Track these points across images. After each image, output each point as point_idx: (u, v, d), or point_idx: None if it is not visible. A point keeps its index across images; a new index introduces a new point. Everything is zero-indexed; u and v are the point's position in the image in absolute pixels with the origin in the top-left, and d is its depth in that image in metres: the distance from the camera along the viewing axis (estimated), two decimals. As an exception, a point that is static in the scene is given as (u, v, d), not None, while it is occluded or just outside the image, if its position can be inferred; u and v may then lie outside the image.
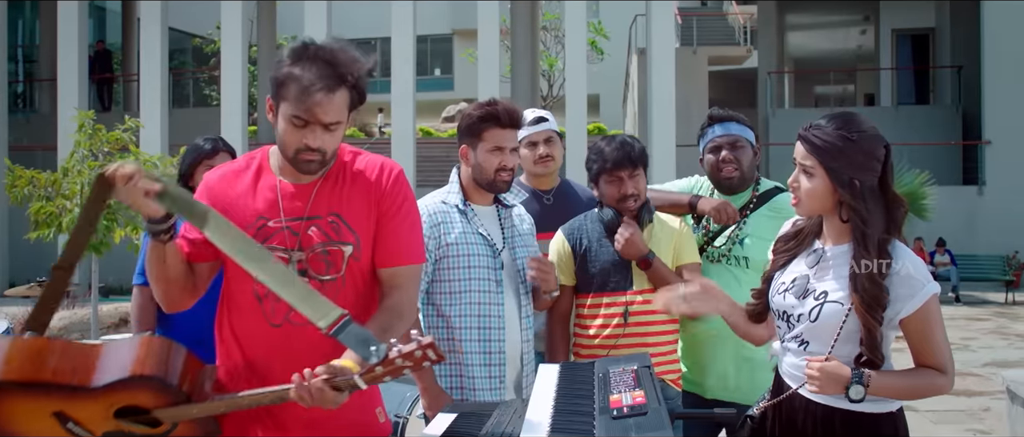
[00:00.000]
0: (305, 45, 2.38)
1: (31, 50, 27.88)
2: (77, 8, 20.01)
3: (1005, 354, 10.99)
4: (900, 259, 2.46)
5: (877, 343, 2.44)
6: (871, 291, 2.42)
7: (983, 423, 7.31)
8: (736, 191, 3.71)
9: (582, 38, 19.36)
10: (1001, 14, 20.52)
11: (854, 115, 2.59)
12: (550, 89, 29.62)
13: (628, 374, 2.50)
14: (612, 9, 30.32)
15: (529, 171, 4.06)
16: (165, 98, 20.08)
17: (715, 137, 3.66)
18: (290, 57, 2.37)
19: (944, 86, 24.79)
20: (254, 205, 2.49)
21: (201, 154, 4.11)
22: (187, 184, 4.17)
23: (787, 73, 28.60)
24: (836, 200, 2.52)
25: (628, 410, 2.19)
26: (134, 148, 9.44)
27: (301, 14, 19.86)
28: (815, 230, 2.67)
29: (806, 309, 2.55)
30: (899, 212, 2.53)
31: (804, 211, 2.61)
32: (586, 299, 3.59)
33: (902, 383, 2.47)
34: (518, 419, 2.38)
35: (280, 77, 2.37)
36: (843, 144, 2.47)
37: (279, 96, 2.38)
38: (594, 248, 3.58)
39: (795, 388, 2.60)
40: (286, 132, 2.39)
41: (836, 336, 2.49)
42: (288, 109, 2.36)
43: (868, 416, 2.50)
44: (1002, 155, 20.41)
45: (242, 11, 19.65)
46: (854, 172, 2.46)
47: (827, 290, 2.53)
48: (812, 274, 2.60)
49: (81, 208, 9.21)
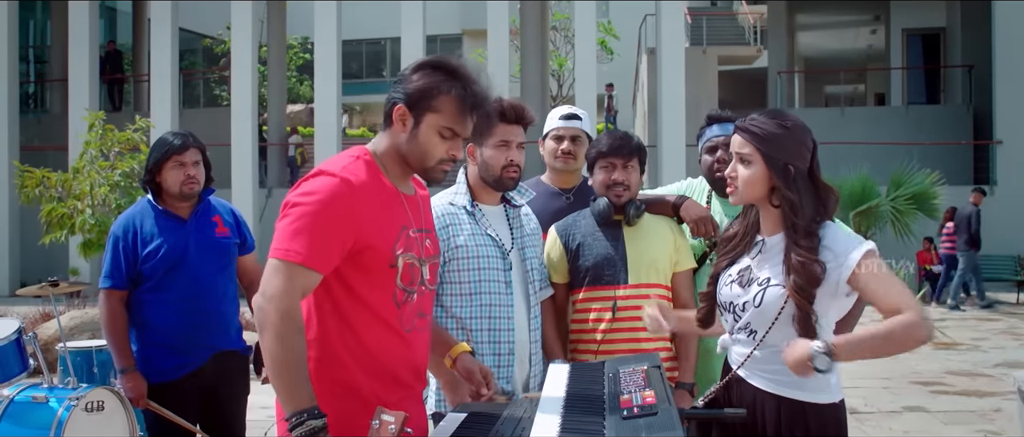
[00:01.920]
0: (453, 62, 2.47)
1: (42, 51, 28.01)
2: (88, 9, 20.10)
3: (1016, 355, 10.94)
4: (828, 234, 2.62)
5: (810, 323, 2.56)
6: (803, 272, 2.56)
7: (994, 424, 7.28)
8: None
9: (592, 38, 19.38)
10: (1012, 13, 20.42)
11: (784, 110, 2.81)
12: (560, 89, 29.63)
13: (638, 374, 2.50)
14: (622, 9, 30.29)
15: (549, 164, 4.02)
16: (175, 98, 20.16)
17: (712, 137, 3.65)
18: (443, 71, 2.45)
19: (955, 86, 24.69)
20: (396, 212, 2.49)
21: (170, 150, 4.06)
22: (155, 180, 4.11)
23: (797, 73, 28.52)
24: (769, 187, 2.67)
25: (638, 410, 2.19)
26: (145, 148, 9.45)
27: (311, 14, 19.92)
28: (755, 227, 2.80)
29: (750, 296, 2.69)
30: (830, 199, 2.68)
31: (739, 199, 2.74)
32: (578, 294, 3.58)
33: (870, 338, 2.47)
34: (528, 419, 2.38)
35: (431, 88, 2.42)
36: (779, 131, 2.64)
37: (427, 107, 2.43)
38: (587, 242, 3.57)
39: (734, 369, 2.76)
40: (431, 143, 2.45)
41: (775, 317, 2.63)
42: (441, 121, 2.43)
43: (812, 406, 2.65)
44: (1013, 155, 20.31)
45: (252, 11, 19.71)
46: (788, 158, 2.63)
47: (769, 276, 2.67)
48: (754, 264, 2.74)
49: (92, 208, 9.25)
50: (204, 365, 4.08)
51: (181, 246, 4.05)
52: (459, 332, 3.26)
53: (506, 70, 18.69)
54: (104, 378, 5.56)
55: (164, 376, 4.05)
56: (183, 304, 4.03)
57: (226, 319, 4.20)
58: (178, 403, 4.05)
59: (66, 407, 4.54)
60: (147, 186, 4.16)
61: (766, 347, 2.68)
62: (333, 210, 2.30)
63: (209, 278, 4.09)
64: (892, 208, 15.51)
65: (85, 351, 5.63)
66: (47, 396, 4.64)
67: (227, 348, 4.18)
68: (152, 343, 4.07)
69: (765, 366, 2.70)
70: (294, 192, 2.38)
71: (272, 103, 24.41)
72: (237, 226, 4.30)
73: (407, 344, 2.50)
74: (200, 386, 4.09)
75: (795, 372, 2.51)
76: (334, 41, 19.39)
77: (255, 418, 4.98)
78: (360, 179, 2.38)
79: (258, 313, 2.25)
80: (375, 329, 2.42)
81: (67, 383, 4.84)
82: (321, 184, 2.34)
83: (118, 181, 9.50)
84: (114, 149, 10.17)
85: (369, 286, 2.41)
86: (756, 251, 2.75)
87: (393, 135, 2.48)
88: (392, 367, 2.47)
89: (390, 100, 2.48)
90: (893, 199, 15.61)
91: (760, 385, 2.70)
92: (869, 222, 15.67)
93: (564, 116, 3.96)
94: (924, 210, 15.71)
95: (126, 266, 4.03)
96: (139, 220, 4.09)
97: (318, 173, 2.39)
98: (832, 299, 2.61)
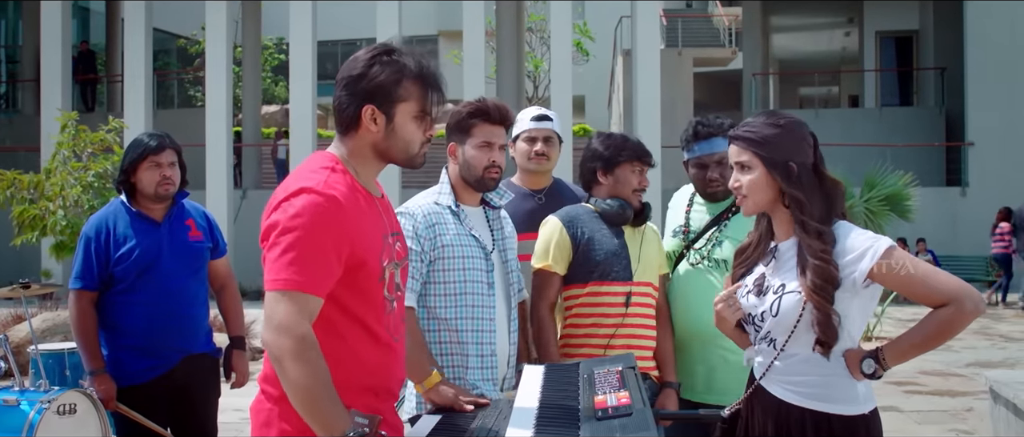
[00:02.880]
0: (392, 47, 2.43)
1: (14, 50, 27.77)
2: (60, 8, 19.91)
3: (988, 354, 11.06)
4: (843, 233, 2.57)
5: (831, 324, 2.50)
6: (818, 271, 2.49)
7: (966, 423, 7.35)
8: (720, 200, 3.72)
9: (567, 39, 19.39)
10: (984, 16, 20.64)
11: (776, 110, 2.74)
12: (536, 90, 29.64)
13: (613, 375, 2.51)
14: (597, 10, 30.35)
15: (522, 167, 4.03)
16: (149, 99, 20.00)
17: (702, 155, 3.67)
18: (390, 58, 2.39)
19: (927, 88, 24.91)
20: (375, 220, 2.41)
21: (146, 150, 4.03)
22: (129, 180, 4.08)
23: (772, 75, 28.70)
24: (777, 190, 2.61)
25: (613, 411, 2.19)
26: (118, 149, 9.38)
27: (286, 15, 19.82)
28: (768, 235, 2.74)
29: (767, 305, 2.61)
30: (837, 194, 2.63)
31: (751, 208, 2.68)
32: (584, 288, 3.57)
33: (917, 335, 2.50)
34: (503, 420, 2.38)
35: (393, 78, 2.37)
36: (772, 131, 2.60)
37: (396, 98, 2.37)
38: (597, 238, 3.56)
39: (757, 380, 2.66)
40: (409, 131, 2.41)
41: (794, 324, 2.55)
42: (412, 107, 2.39)
43: (838, 417, 2.55)
44: (985, 157, 20.53)
45: (227, 11, 19.59)
46: (788, 155, 2.58)
47: (784, 283, 2.60)
48: (768, 272, 2.67)
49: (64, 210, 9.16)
50: (174, 368, 4.06)
51: (154, 249, 4.03)
52: (444, 333, 3.24)
53: (482, 71, 18.67)
54: (76, 381, 5.51)
55: (134, 378, 4.03)
56: (154, 307, 4.01)
57: (196, 322, 4.18)
58: (148, 406, 4.03)
59: (38, 410, 4.49)
60: (121, 187, 4.13)
61: (788, 356, 2.60)
62: (325, 232, 2.21)
63: (181, 282, 4.07)
64: (866, 209, 15.62)
65: (57, 353, 5.58)
66: (18, 399, 4.59)
67: (197, 351, 4.16)
68: (122, 346, 4.05)
69: (788, 377, 2.61)
70: (280, 213, 2.24)
71: (247, 104, 24.28)
72: (210, 230, 4.28)
73: (396, 354, 2.45)
74: (170, 389, 4.07)
75: (851, 375, 2.54)
76: (309, 42, 19.31)
77: (228, 420, 4.96)
78: (343, 193, 2.29)
79: (272, 348, 2.15)
80: (368, 344, 2.35)
81: (39, 386, 4.79)
82: (307, 204, 2.22)
83: (91, 182, 9.41)
84: (87, 150, 10.08)
85: (362, 303, 2.34)
86: (770, 258, 2.69)
87: (362, 136, 2.39)
88: (384, 379, 2.41)
89: (349, 103, 2.37)
90: (867, 200, 15.72)
91: (784, 396, 2.61)
92: (843, 223, 15.78)
93: (536, 117, 3.98)
94: (897, 211, 15.82)
95: (98, 267, 4.00)
96: (112, 221, 4.06)
97: (301, 191, 2.26)
98: (852, 298, 2.54)
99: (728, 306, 2.70)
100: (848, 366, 2.54)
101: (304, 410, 2.12)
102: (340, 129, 2.42)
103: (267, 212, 2.29)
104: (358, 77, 2.36)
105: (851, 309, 2.56)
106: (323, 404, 2.11)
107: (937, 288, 2.49)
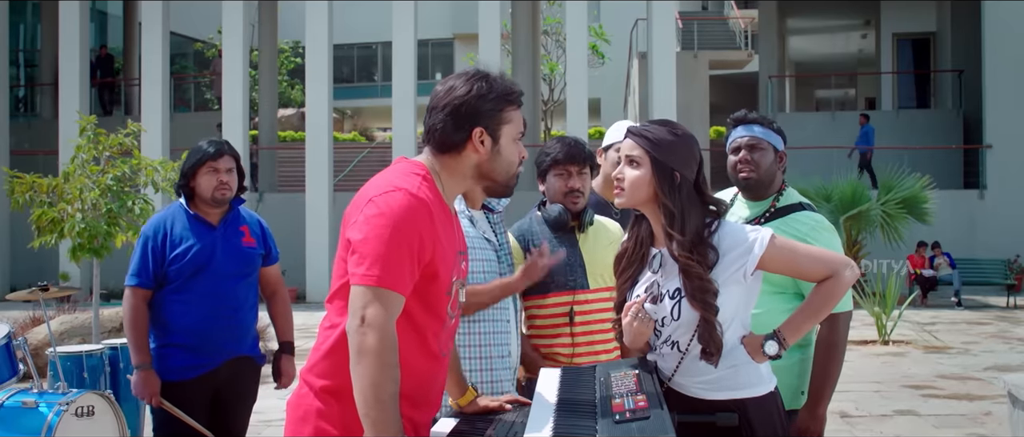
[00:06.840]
0: (484, 71, 2.49)
1: (32, 54, 27.94)
2: (78, 12, 20.05)
3: (1007, 358, 10.98)
4: (724, 232, 2.68)
5: (715, 334, 2.61)
6: (695, 282, 2.60)
7: (984, 427, 7.30)
8: (756, 195, 3.55)
9: (583, 42, 19.39)
10: (1002, 17, 20.50)
11: (677, 122, 2.83)
12: (551, 93, 29.66)
13: (630, 378, 2.50)
14: (613, 13, 30.35)
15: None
16: (167, 102, 20.12)
17: (736, 138, 3.55)
18: (489, 83, 2.44)
19: (945, 90, 24.80)
20: (452, 236, 2.45)
21: (205, 157, 4.14)
22: (188, 185, 4.19)
23: (788, 77, 28.58)
24: (654, 193, 2.68)
25: (630, 414, 2.19)
26: (137, 152, 9.42)
27: (302, 18, 19.90)
28: (648, 240, 2.80)
29: (667, 310, 2.68)
30: (719, 212, 2.73)
31: (627, 201, 2.74)
32: (547, 299, 3.59)
33: (807, 309, 2.73)
34: (521, 423, 2.38)
35: (499, 103, 2.42)
36: (669, 138, 2.68)
37: (501, 121, 2.43)
38: (549, 247, 3.50)
39: (666, 383, 2.71)
40: (513, 152, 2.47)
41: (697, 324, 2.64)
42: (514, 129, 2.47)
43: (751, 400, 2.68)
44: (1003, 159, 20.39)
45: (243, 14, 19.68)
46: (676, 165, 2.66)
47: (679, 287, 2.66)
48: (659, 278, 2.73)
49: (82, 213, 9.21)
50: (218, 368, 4.14)
51: (208, 251, 4.13)
52: (463, 336, 3.25)
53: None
54: (94, 383, 5.55)
55: (177, 375, 4.11)
56: (204, 307, 4.10)
57: (244, 326, 4.27)
58: (187, 403, 4.10)
59: (56, 412, 4.53)
60: (181, 190, 4.24)
61: (692, 355, 2.68)
62: (414, 233, 2.25)
63: (232, 284, 4.17)
64: (883, 212, 15.56)
65: (75, 356, 5.62)
66: (37, 401, 4.63)
67: (242, 354, 4.24)
68: (169, 342, 4.14)
69: (697, 376, 2.69)
70: (373, 208, 2.27)
71: (263, 107, 24.38)
72: (263, 237, 4.38)
73: (442, 367, 2.48)
74: (210, 389, 4.15)
75: (754, 359, 2.67)
76: (325, 45, 19.37)
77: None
78: (432, 200, 2.33)
79: (355, 339, 2.17)
80: (420, 354, 2.37)
81: (57, 388, 4.82)
82: (403, 203, 2.26)
83: (109, 185, 9.45)
84: (105, 154, 10.12)
85: (426, 313, 2.37)
86: (657, 264, 2.74)
87: (466, 157, 2.42)
88: (426, 390, 2.42)
89: (455, 126, 2.40)
90: (883, 203, 15.66)
91: (697, 394, 2.69)
92: (859, 226, 15.73)
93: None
94: (914, 214, 15.77)
95: (153, 266, 4.11)
96: (170, 222, 4.17)
97: (397, 189, 2.28)
98: (741, 289, 2.66)
99: (642, 320, 2.70)
100: (749, 352, 2.68)
101: (365, 406, 2.15)
102: (439, 149, 2.44)
103: (358, 204, 2.33)
104: (464, 101, 2.40)
105: (741, 299, 2.68)
106: (385, 406, 2.14)
107: (821, 260, 2.71)
